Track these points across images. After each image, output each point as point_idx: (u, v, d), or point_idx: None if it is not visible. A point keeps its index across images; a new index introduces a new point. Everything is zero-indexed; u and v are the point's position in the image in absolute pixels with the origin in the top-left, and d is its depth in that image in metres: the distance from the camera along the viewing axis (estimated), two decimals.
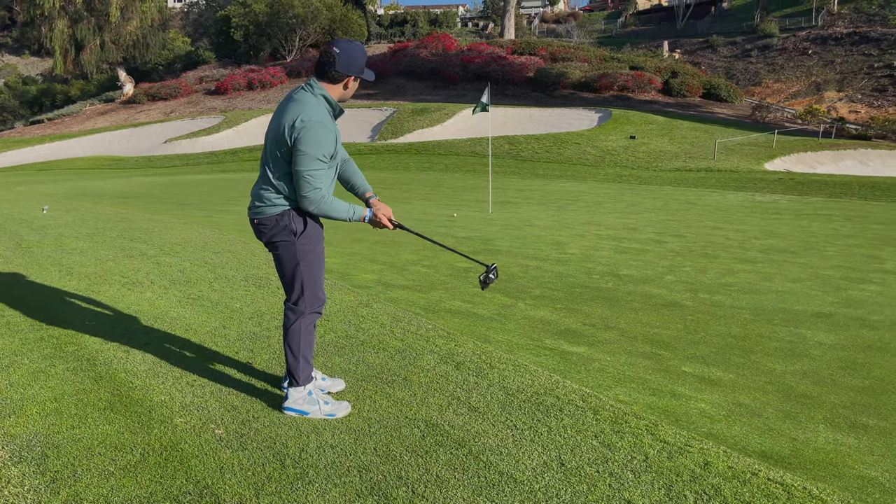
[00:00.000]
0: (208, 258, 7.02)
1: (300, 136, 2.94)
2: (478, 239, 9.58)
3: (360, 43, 3.10)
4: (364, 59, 3.07)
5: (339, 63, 3.01)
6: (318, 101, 3.04)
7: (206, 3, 68.20)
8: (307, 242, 3.15)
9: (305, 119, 2.95)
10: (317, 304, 3.25)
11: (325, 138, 2.94)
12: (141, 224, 9.17)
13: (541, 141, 29.97)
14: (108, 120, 47.00)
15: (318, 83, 3.07)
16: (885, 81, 48.96)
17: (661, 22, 72.57)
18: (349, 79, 3.07)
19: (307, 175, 2.95)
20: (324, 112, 3.02)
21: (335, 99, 3.09)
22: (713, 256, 8.87)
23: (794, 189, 18.10)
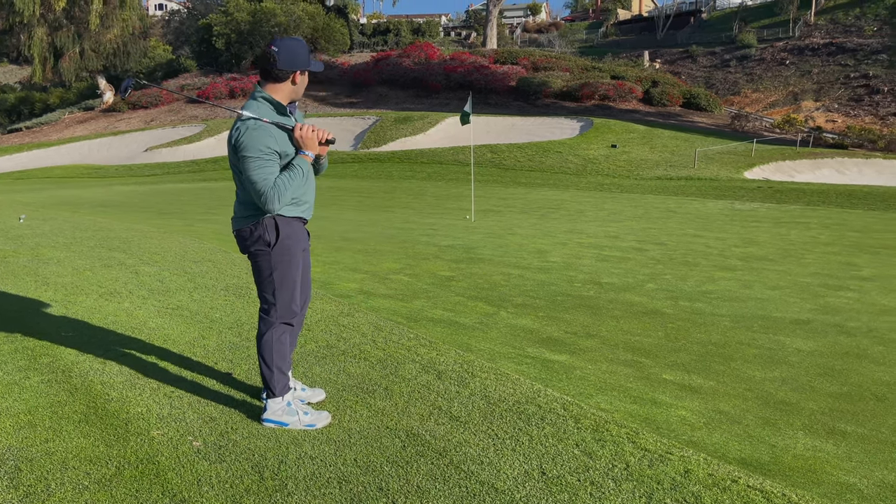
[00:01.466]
0: (188, 268, 6.95)
1: (237, 142, 2.96)
2: (460, 247, 9.59)
3: (299, 38, 3.09)
4: (306, 52, 3.04)
5: (281, 61, 2.99)
6: (259, 104, 3.04)
7: (188, 12, 67.90)
8: (282, 253, 3.11)
9: (238, 124, 2.98)
10: (288, 316, 3.22)
11: (264, 134, 2.93)
12: (119, 233, 9.08)
13: (523, 150, 30.11)
14: (88, 128, 46.56)
15: (262, 87, 3.08)
16: (860, 91, 49.77)
17: (642, 32, 73.28)
18: (295, 74, 3.04)
19: (253, 175, 2.93)
20: (263, 112, 3.01)
21: (286, 97, 3.08)
22: (693, 264, 8.93)
23: (773, 197, 18.32)
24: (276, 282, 3.14)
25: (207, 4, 63.91)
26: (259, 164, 2.93)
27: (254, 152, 2.92)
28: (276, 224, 3.08)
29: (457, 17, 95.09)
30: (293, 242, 3.15)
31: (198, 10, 64.36)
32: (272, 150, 2.96)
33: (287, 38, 3.06)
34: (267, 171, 2.94)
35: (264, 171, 2.94)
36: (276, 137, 2.98)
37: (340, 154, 33.33)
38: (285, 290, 3.16)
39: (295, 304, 3.23)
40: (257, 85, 3.10)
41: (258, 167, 2.93)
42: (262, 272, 3.15)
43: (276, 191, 2.95)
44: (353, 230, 11.28)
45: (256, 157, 2.92)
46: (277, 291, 3.15)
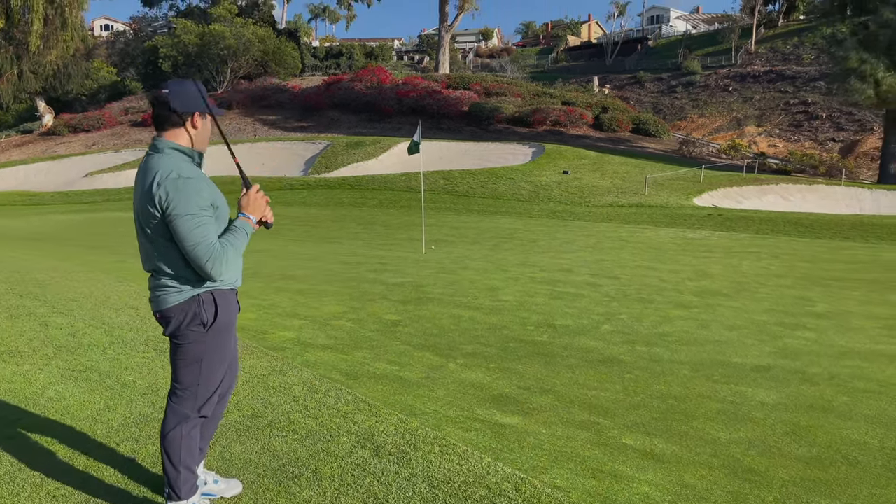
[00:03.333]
0: (106, 317, 6.35)
1: (165, 200, 2.46)
2: (409, 285, 9.15)
3: (193, 79, 2.69)
4: (201, 93, 2.62)
5: (175, 102, 2.56)
6: (171, 156, 2.56)
7: (134, 33, 66.44)
8: (218, 334, 2.64)
9: (161, 179, 2.47)
10: (207, 408, 2.73)
11: (194, 188, 2.47)
12: (37, 275, 8.37)
13: (476, 176, 29.94)
14: (25, 152, 44.78)
15: (163, 137, 2.60)
16: (800, 117, 51.46)
17: (591, 58, 74.70)
18: (194, 116, 2.60)
19: (194, 236, 2.46)
20: (181, 165, 2.54)
21: (189, 146, 2.62)
22: (648, 301, 8.68)
23: (723, 225, 18.43)
24: (205, 370, 2.65)
25: (154, 26, 62.67)
26: (198, 222, 2.46)
27: (192, 209, 2.45)
28: (213, 299, 2.60)
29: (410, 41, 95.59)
30: (230, 319, 2.68)
31: (144, 31, 63.03)
32: (209, 205, 2.51)
33: (178, 81, 2.62)
34: (208, 230, 2.49)
35: (205, 229, 2.48)
36: (208, 189, 2.53)
37: (289, 180, 32.65)
38: (212, 379, 2.69)
39: (216, 395, 2.75)
40: (156, 137, 2.62)
41: (197, 226, 2.46)
42: (188, 357, 2.64)
43: (224, 254, 2.50)
44: (296, 266, 10.74)
45: (195, 214, 2.46)
46: (203, 381, 2.66)
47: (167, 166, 2.52)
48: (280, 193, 29.52)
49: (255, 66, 55.80)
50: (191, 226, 2.45)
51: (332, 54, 71.42)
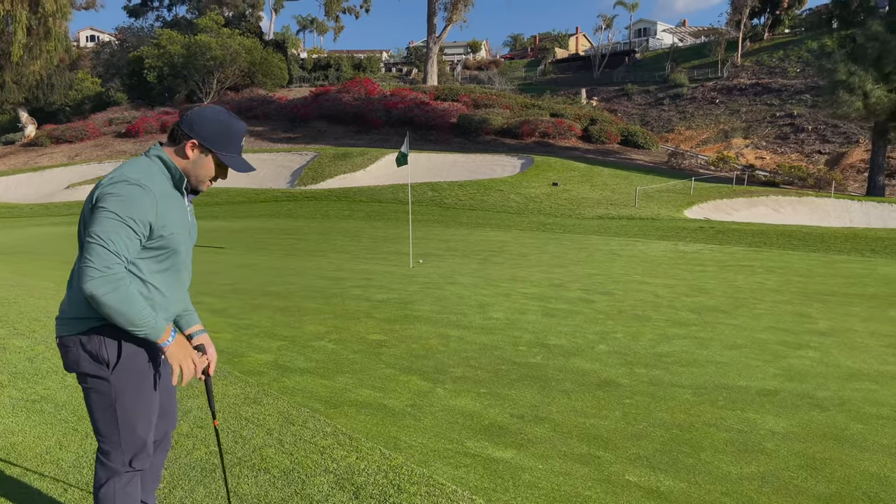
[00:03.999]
0: None
1: (101, 194, 2.11)
2: (395, 302, 8.78)
3: (232, 117, 2.37)
4: (221, 130, 2.27)
5: (185, 121, 2.26)
6: (150, 162, 2.24)
7: (119, 44, 65.91)
8: (128, 376, 2.23)
9: (115, 175, 2.14)
10: (139, 460, 2.34)
11: (139, 199, 2.10)
12: (2, 291, 7.93)
13: (464, 188, 29.65)
14: (6, 163, 44.08)
15: (160, 145, 2.29)
16: (786, 129, 51.73)
17: (579, 70, 74.95)
18: (189, 143, 2.25)
19: (99, 237, 2.06)
20: (153, 175, 2.20)
21: (185, 170, 2.29)
22: (644, 318, 8.36)
23: (715, 238, 18.19)
24: (122, 417, 2.26)
25: (140, 37, 62.22)
26: (118, 228, 2.08)
27: (122, 212, 2.08)
28: (118, 337, 2.20)
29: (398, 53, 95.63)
30: (145, 360, 2.27)
31: (129, 42, 62.53)
32: (144, 224, 2.13)
33: (216, 109, 2.32)
34: (120, 241, 2.08)
35: (118, 237, 2.08)
36: (163, 209, 2.17)
37: (275, 192, 32.23)
38: (137, 427, 2.29)
39: (148, 443, 2.36)
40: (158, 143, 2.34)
41: (115, 232, 2.08)
42: (98, 402, 2.25)
43: (117, 289, 2.07)
44: (277, 281, 10.34)
45: (121, 218, 2.08)
46: (123, 430, 2.27)
47: (132, 169, 2.19)
48: (266, 205, 29.10)
49: (241, 77, 55.41)
50: (107, 226, 2.07)
51: (319, 66, 71.19)
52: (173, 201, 2.25)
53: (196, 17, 59.34)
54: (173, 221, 2.22)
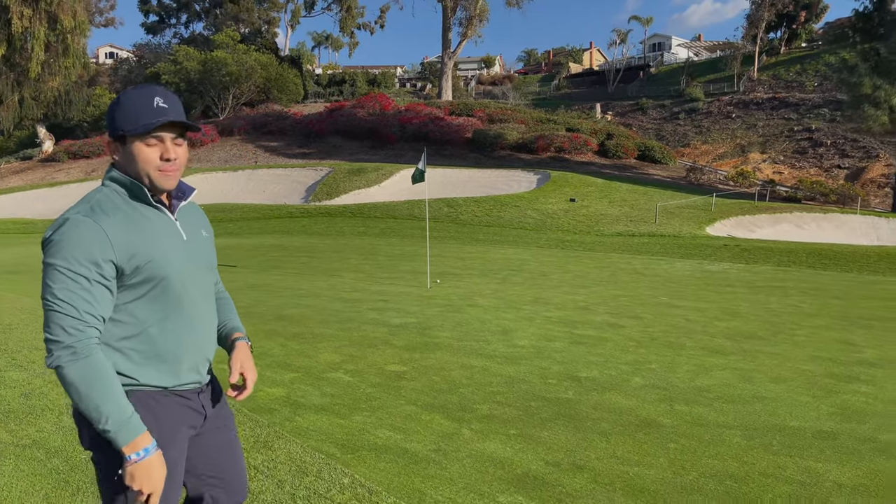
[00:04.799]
0: None
1: (42, 245, 1.76)
2: (414, 327, 8.35)
3: (149, 86, 1.92)
4: (120, 107, 1.84)
5: (108, 117, 1.88)
6: (100, 187, 1.86)
7: (137, 60, 66.47)
8: None
9: (59, 219, 1.76)
10: None
11: (82, 236, 1.72)
12: (4, 316, 7.59)
13: (480, 204, 29.26)
14: (24, 179, 44.30)
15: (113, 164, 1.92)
16: (804, 144, 51.08)
17: (593, 85, 74.70)
18: (106, 144, 1.92)
19: (48, 300, 1.72)
20: (100, 200, 1.80)
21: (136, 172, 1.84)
22: (678, 346, 7.87)
23: (742, 257, 17.64)
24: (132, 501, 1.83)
25: (157, 53, 62.71)
26: (65, 283, 1.69)
27: (64, 262, 1.69)
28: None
29: (412, 68, 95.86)
30: (161, 433, 1.83)
31: (147, 58, 63.04)
32: (96, 264, 1.70)
33: (132, 88, 1.88)
34: (77, 290, 1.69)
35: (71, 290, 1.69)
36: (122, 239, 1.77)
37: (289, 208, 32.00)
38: None
39: None
40: None
41: (62, 288, 1.69)
42: (104, 487, 1.86)
43: (73, 363, 1.68)
44: (292, 304, 9.96)
45: (65, 269, 1.69)
46: None
47: (80, 205, 1.81)
48: (280, 222, 28.86)
49: (257, 93, 55.57)
50: (54, 282, 1.70)
51: (334, 81, 71.41)
52: (141, 220, 1.83)
53: (213, 34, 59.72)
54: (148, 245, 1.81)
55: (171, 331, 1.86)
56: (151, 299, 1.83)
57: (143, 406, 1.82)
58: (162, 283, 1.83)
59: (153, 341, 1.83)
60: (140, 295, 1.82)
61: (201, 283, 1.96)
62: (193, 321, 1.91)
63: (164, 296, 1.84)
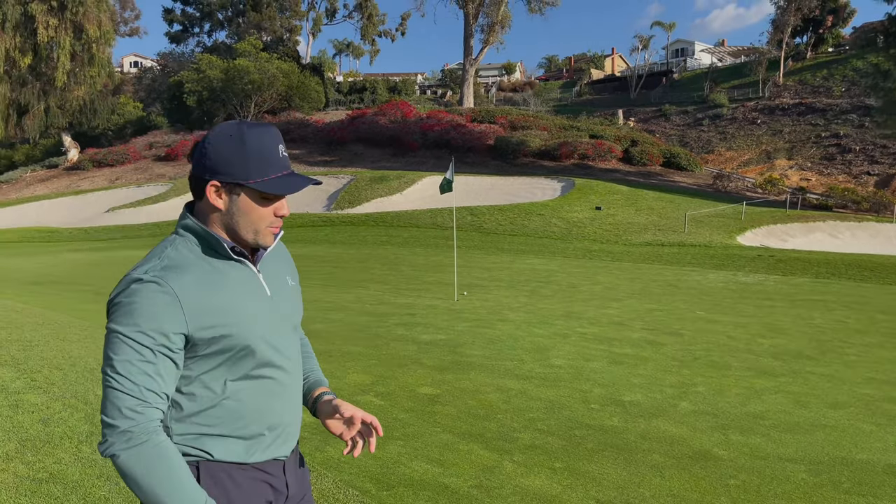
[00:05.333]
0: (91, 394, 5.32)
1: (109, 307, 1.48)
2: (444, 345, 8.04)
3: (252, 126, 1.57)
4: (240, 150, 1.53)
5: (195, 158, 1.57)
6: (172, 239, 1.55)
7: (161, 69, 67.11)
8: None
9: (126, 278, 1.49)
10: None
11: (150, 302, 1.44)
12: (25, 332, 7.39)
13: (504, 212, 28.90)
14: (49, 187, 44.74)
15: (186, 209, 1.62)
16: (832, 150, 50.15)
17: (615, 91, 74.10)
18: (209, 187, 1.55)
19: (107, 374, 1.44)
20: (174, 256, 1.52)
21: (221, 227, 1.56)
22: (724, 367, 7.47)
23: (777, 268, 17.11)
24: None
25: (180, 62, 63.27)
26: (128, 354, 1.43)
27: (125, 329, 1.43)
28: (196, 473, 1.54)
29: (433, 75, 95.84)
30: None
31: (170, 67, 63.61)
32: (164, 334, 1.45)
33: (226, 125, 1.58)
34: (138, 365, 1.43)
35: (132, 364, 1.42)
36: (197, 305, 1.49)
37: (311, 217, 31.88)
38: None
39: None
40: None
41: (122, 353, 1.42)
42: None
43: (132, 427, 1.41)
44: (318, 318, 9.70)
45: (127, 338, 1.43)
46: None
47: (145, 260, 1.53)
48: (303, 230, 28.73)
49: (279, 101, 55.77)
50: (114, 353, 1.43)
51: (355, 89, 71.55)
52: (218, 279, 1.54)
53: (235, 42, 60.11)
54: (227, 310, 1.52)
55: (252, 401, 1.57)
56: (229, 368, 1.55)
57: (216, 483, 1.54)
58: (241, 353, 1.55)
59: (231, 415, 1.55)
60: (216, 365, 1.54)
61: (287, 343, 1.66)
62: (278, 388, 1.64)
63: (245, 364, 1.56)
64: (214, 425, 1.54)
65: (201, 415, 1.54)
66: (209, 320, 1.49)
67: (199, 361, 1.52)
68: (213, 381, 1.53)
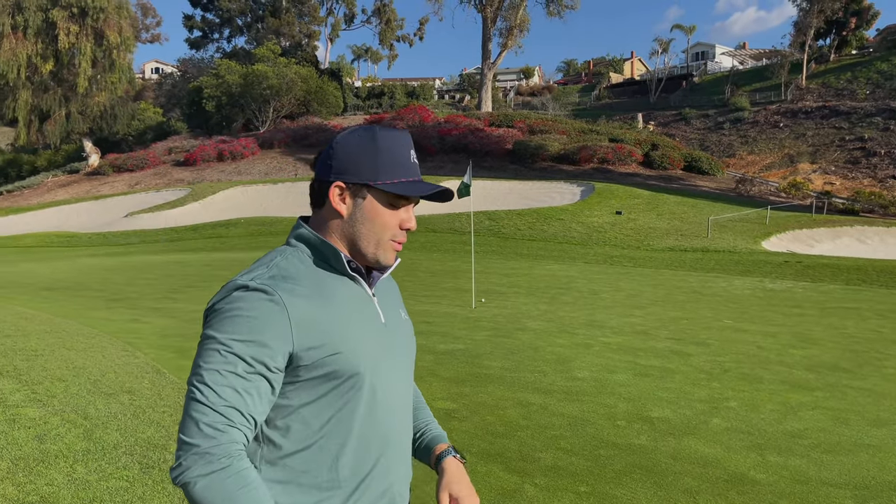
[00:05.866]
0: (93, 406, 5.09)
1: (206, 312, 1.32)
2: (462, 355, 7.74)
3: (383, 129, 1.43)
4: (372, 149, 1.39)
5: (321, 161, 1.44)
6: (284, 249, 1.41)
7: (181, 75, 67.61)
8: None
9: (229, 284, 1.32)
10: None
11: (259, 313, 1.26)
12: (31, 340, 7.21)
13: (523, 217, 28.56)
14: (70, 192, 45.10)
15: (301, 222, 1.48)
16: (857, 154, 49.25)
17: (634, 95, 73.49)
18: (333, 189, 1.40)
19: (195, 386, 1.24)
20: (286, 267, 1.35)
21: (345, 242, 1.42)
22: (755, 379, 7.11)
23: (805, 274, 16.61)
24: None
25: (200, 67, 63.69)
26: (218, 363, 1.24)
27: (222, 335, 1.25)
28: None
29: (451, 80, 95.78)
30: None
31: (190, 72, 64.06)
32: (266, 347, 1.26)
33: (357, 128, 1.45)
34: (232, 380, 1.23)
35: (226, 378, 1.23)
36: (308, 322, 1.29)
37: None
38: None
39: None
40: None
41: (216, 363, 1.24)
42: None
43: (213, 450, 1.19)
44: None
45: (222, 347, 1.24)
46: None
47: (254, 266, 1.37)
48: None
49: (297, 106, 55.89)
50: (207, 363, 1.25)
51: (374, 94, 71.62)
52: (331, 296, 1.35)
53: (254, 48, 60.38)
54: (337, 330, 1.32)
55: (356, 447, 1.35)
56: (332, 402, 1.33)
57: None
58: (349, 382, 1.33)
59: (330, 460, 1.33)
60: (318, 396, 1.32)
61: (400, 381, 1.46)
62: (388, 434, 1.41)
63: (351, 399, 1.34)
64: (310, 473, 1.31)
65: (294, 458, 1.31)
66: (318, 339, 1.29)
67: (299, 389, 1.31)
68: (311, 415, 1.31)
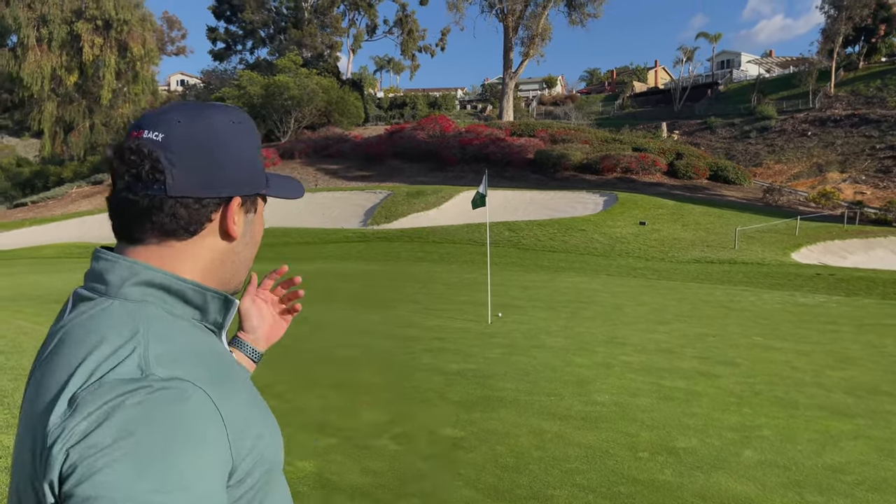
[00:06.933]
0: None
1: (83, 460, 0.72)
2: (473, 375, 7.30)
3: (224, 106, 0.95)
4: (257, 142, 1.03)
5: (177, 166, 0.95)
6: (137, 311, 0.88)
7: (205, 86, 68.19)
8: None
9: (91, 393, 0.77)
10: None
11: (195, 437, 0.77)
12: (26, 357, 6.90)
13: (544, 227, 28.05)
14: (93, 203, 45.47)
15: (125, 255, 0.95)
16: (888, 163, 48.07)
17: (658, 104, 72.64)
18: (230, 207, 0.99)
19: None
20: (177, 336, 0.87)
21: (209, 280, 0.98)
22: (790, 404, 6.57)
23: (839, 288, 15.92)
24: None
25: (223, 79, 64.19)
26: None
27: (147, 492, 0.72)
28: None
29: (473, 90, 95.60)
30: None
31: (213, 84, 64.58)
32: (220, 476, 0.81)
33: (213, 108, 1.00)
34: None
35: None
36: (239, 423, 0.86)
37: (346, 233, 31.51)
38: None
39: None
40: (101, 256, 0.98)
41: None
42: None
43: None
44: (339, 342, 9.06)
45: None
46: None
47: (122, 345, 0.83)
48: (336, 246, 28.35)
49: (318, 116, 55.97)
50: None
51: (395, 104, 71.65)
52: (234, 370, 0.95)
53: (276, 59, 60.70)
54: (255, 418, 0.92)
55: None
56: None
57: None
58: (266, 476, 0.94)
59: None
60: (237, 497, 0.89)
61: None
62: None
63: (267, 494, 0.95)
64: None
65: None
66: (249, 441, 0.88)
67: None
68: None
